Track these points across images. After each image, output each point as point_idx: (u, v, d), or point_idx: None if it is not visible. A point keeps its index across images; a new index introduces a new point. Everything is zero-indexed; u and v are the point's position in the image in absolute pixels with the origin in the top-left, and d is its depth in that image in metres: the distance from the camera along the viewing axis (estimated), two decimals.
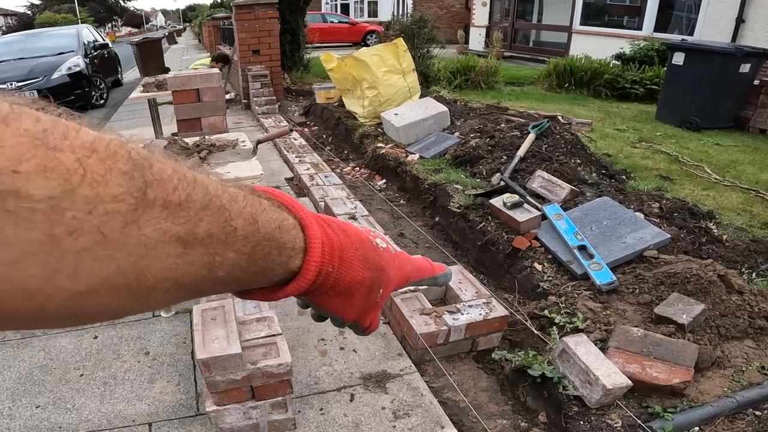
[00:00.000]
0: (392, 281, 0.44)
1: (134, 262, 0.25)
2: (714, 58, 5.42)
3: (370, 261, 0.41)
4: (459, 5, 20.88)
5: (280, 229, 0.34)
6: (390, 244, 0.46)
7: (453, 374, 2.13)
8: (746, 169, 4.26)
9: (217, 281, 0.30)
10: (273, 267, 0.34)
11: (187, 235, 0.27)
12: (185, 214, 0.27)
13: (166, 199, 0.26)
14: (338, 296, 0.40)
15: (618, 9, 11.34)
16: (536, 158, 3.58)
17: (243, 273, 0.32)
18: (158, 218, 0.25)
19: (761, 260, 2.57)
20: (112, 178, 0.23)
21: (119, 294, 0.25)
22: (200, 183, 0.28)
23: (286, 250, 0.35)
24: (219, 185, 0.30)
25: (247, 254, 0.31)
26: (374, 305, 0.44)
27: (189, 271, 0.28)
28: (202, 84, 2.76)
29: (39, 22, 31.63)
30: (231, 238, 0.30)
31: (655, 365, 1.84)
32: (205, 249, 0.28)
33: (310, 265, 0.36)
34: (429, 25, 7.60)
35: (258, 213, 0.32)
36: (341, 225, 0.40)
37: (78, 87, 8.46)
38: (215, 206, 0.29)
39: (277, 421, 1.80)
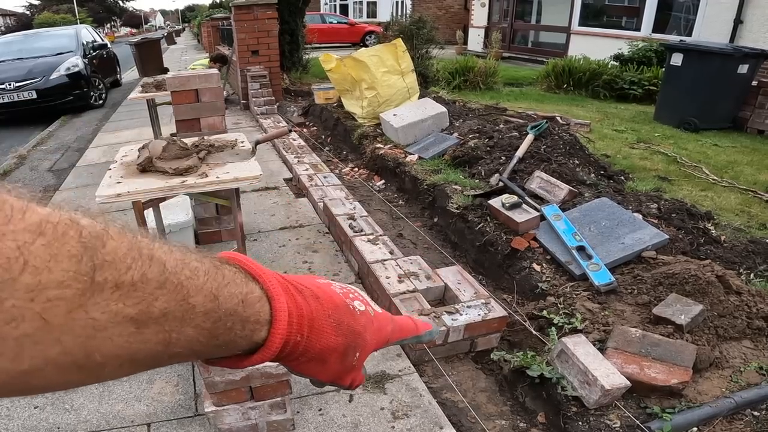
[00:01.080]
0: (369, 344, 0.44)
1: (81, 343, 0.24)
2: (712, 58, 5.44)
3: (343, 327, 0.40)
4: (458, 6, 20.90)
5: (244, 304, 0.34)
6: (370, 304, 0.45)
7: (452, 375, 2.13)
8: (744, 169, 4.27)
9: (174, 355, 0.30)
10: (235, 340, 0.34)
11: (141, 315, 0.27)
12: (139, 294, 0.26)
13: (118, 281, 0.25)
14: (310, 362, 0.40)
15: (616, 10, 11.35)
16: (535, 159, 3.59)
17: (203, 347, 0.32)
18: (108, 300, 0.25)
19: (759, 261, 2.58)
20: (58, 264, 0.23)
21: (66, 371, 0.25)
22: (157, 260, 0.28)
23: (250, 323, 0.34)
24: (178, 261, 0.30)
25: (207, 329, 0.31)
26: (351, 368, 0.43)
27: (143, 348, 0.28)
28: (201, 84, 2.75)
29: (38, 22, 31.58)
30: (189, 315, 0.29)
31: (653, 366, 1.85)
32: (160, 327, 0.28)
33: (275, 338, 0.36)
34: (428, 25, 7.60)
35: (220, 288, 0.32)
36: (314, 291, 0.40)
37: (77, 87, 8.44)
38: (172, 284, 0.28)
39: (276, 421, 1.79)
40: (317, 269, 2.93)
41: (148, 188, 1.94)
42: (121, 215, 3.76)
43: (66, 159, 5.72)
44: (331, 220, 3.30)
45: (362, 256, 2.70)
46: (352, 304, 0.42)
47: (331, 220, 3.30)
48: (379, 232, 2.97)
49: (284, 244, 3.23)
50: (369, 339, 0.43)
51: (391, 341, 0.48)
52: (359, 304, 0.43)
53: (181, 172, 2.01)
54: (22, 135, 7.28)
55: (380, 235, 2.93)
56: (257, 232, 3.43)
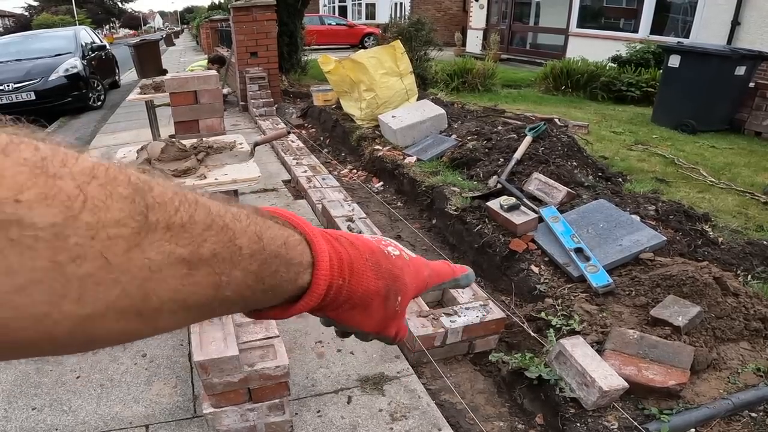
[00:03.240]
0: (410, 287, 0.44)
1: (139, 285, 0.25)
2: (710, 60, 5.46)
3: (382, 270, 0.41)
4: (456, 7, 20.94)
5: (286, 246, 0.34)
6: (404, 251, 0.45)
7: (450, 376, 2.14)
8: (742, 171, 4.28)
9: (225, 301, 0.30)
10: (282, 284, 0.34)
11: (192, 255, 0.27)
12: (188, 236, 0.27)
13: (169, 222, 0.26)
14: (354, 309, 0.40)
15: (614, 12, 11.39)
16: (533, 161, 3.59)
17: (251, 292, 0.32)
18: (161, 240, 0.25)
19: (756, 262, 2.59)
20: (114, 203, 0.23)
21: (126, 317, 0.25)
22: (202, 204, 0.29)
23: (294, 266, 0.35)
24: (221, 206, 0.30)
25: (254, 272, 0.31)
26: (395, 314, 0.43)
27: (196, 292, 0.28)
28: (200, 86, 2.76)
29: (36, 23, 31.57)
30: (236, 257, 0.30)
31: (651, 367, 1.85)
32: (210, 269, 0.28)
33: (319, 280, 0.36)
34: (426, 27, 7.61)
35: (263, 231, 0.32)
36: (349, 238, 0.40)
37: (75, 88, 8.44)
38: (218, 226, 0.29)
39: (275, 423, 1.80)
40: None
41: None
42: None
43: None
44: (330, 221, 3.30)
45: None
46: (386, 249, 0.43)
47: (330, 221, 3.30)
48: (377, 234, 2.98)
49: None
50: (408, 282, 0.43)
51: (429, 285, 0.48)
52: (393, 249, 0.44)
53: (179, 174, 2.02)
54: None
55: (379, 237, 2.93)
56: None
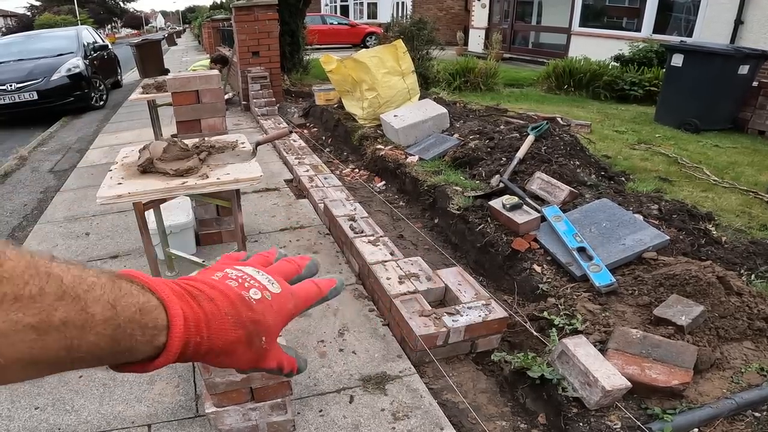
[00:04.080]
0: (272, 326, 0.46)
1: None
2: (713, 59, 5.44)
3: (242, 319, 0.43)
4: (458, 7, 20.91)
5: (141, 311, 0.37)
6: (267, 288, 0.47)
7: (452, 376, 2.13)
8: (745, 170, 4.27)
9: (77, 360, 0.34)
10: (137, 346, 0.37)
11: (41, 323, 0.30)
12: (38, 306, 0.30)
13: (17, 294, 0.29)
14: (219, 357, 0.43)
15: (617, 11, 11.35)
16: (535, 160, 3.59)
17: (105, 353, 0.35)
18: (8, 311, 0.29)
19: (760, 262, 2.58)
20: None
21: None
22: (54, 276, 0.32)
23: (149, 329, 0.37)
24: (76, 278, 0.33)
25: (109, 335, 0.34)
26: (263, 351, 0.46)
27: (45, 353, 0.31)
28: (202, 85, 2.76)
29: (38, 23, 31.61)
30: (89, 323, 0.33)
31: (654, 367, 1.84)
32: (61, 334, 0.31)
33: (173, 340, 0.39)
34: (428, 26, 7.61)
35: (117, 299, 0.35)
36: (209, 294, 0.43)
37: (77, 88, 8.46)
38: (70, 296, 0.32)
39: (277, 422, 1.79)
40: (318, 270, 2.92)
41: (149, 189, 1.94)
42: (122, 216, 3.76)
43: (67, 160, 5.72)
44: (332, 221, 3.30)
45: (363, 257, 2.70)
46: (247, 295, 0.45)
47: (332, 221, 3.30)
48: (379, 234, 2.97)
49: (285, 246, 3.23)
50: (271, 322, 0.46)
51: (296, 314, 0.51)
52: (255, 291, 0.45)
53: (181, 174, 2.02)
54: (23, 136, 7.28)
55: (381, 237, 2.93)
56: (258, 233, 3.44)
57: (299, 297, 0.51)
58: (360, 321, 2.46)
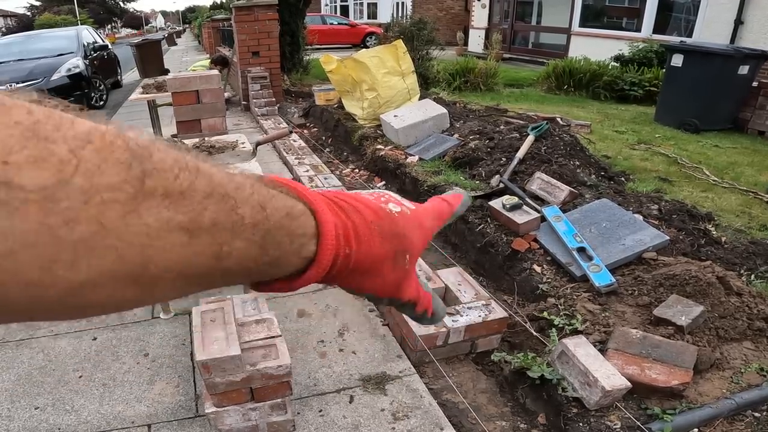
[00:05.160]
0: (416, 243, 0.43)
1: (136, 251, 0.24)
2: (713, 59, 5.44)
3: (387, 233, 0.39)
4: (458, 7, 20.92)
5: (290, 216, 0.33)
6: (403, 203, 0.44)
7: (452, 376, 2.13)
8: (745, 170, 4.27)
9: (226, 272, 0.30)
10: (286, 256, 0.33)
11: (191, 223, 0.26)
12: (188, 203, 0.26)
13: (167, 188, 0.25)
14: (364, 275, 0.39)
15: (617, 11, 11.36)
16: (535, 160, 3.59)
17: (254, 263, 0.31)
18: (159, 207, 0.25)
19: (760, 262, 2.58)
20: (109, 168, 0.23)
21: (122, 284, 0.25)
22: (203, 172, 0.28)
23: (298, 237, 0.34)
24: (224, 174, 0.30)
25: (257, 243, 0.31)
26: (405, 273, 0.42)
27: (196, 261, 0.27)
28: (202, 86, 2.76)
29: (38, 23, 31.63)
30: (238, 227, 0.29)
31: (654, 367, 1.85)
32: (211, 238, 0.28)
33: (324, 251, 0.35)
34: (428, 26, 7.61)
35: (266, 201, 0.32)
36: (353, 204, 0.39)
37: (77, 88, 8.45)
38: (219, 194, 0.28)
39: (277, 422, 1.79)
40: None
41: None
42: None
43: None
44: None
45: None
46: (387, 208, 0.41)
47: None
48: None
49: None
50: (414, 239, 0.42)
51: (434, 232, 0.47)
52: (393, 206, 0.42)
53: None
54: None
55: None
56: None
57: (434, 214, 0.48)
58: (360, 321, 2.46)
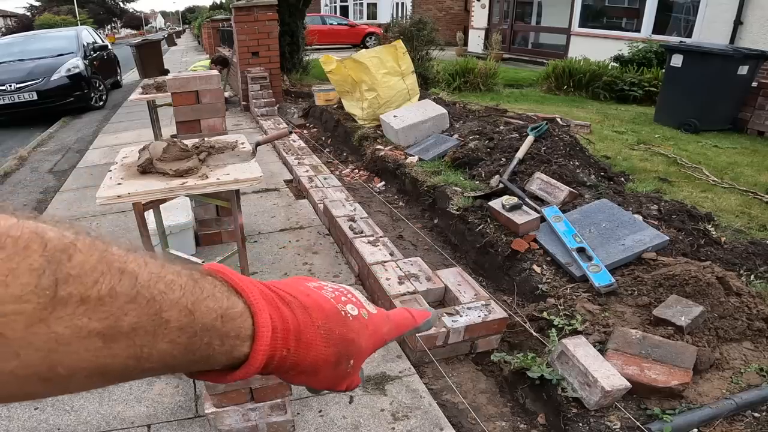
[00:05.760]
0: (364, 349, 0.42)
1: (42, 356, 0.24)
2: (712, 60, 5.44)
3: (335, 337, 0.39)
4: (458, 7, 20.92)
5: (223, 319, 0.33)
6: (365, 306, 0.43)
7: (452, 376, 2.13)
8: (744, 171, 4.27)
9: (147, 370, 0.30)
10: (214, 356, 0.33)
11: (108, 329, 0.26)
12: (106, 309, 0.26)
13: (84, 295, 0.25)
14: (300, 374, 0.39)
15: (617, 11, 11.36)
16: (535, 160, 3.59)
17: (177, 362, 0.31)
18: (72, 315, 0.25)
19: (759, 262, 2.58)
20: (16, 279, 0.23)
21: (28, 383, 0.25)
22: (128, 273, 0.28)
23: (230, 339, 0.33)
24: (153, 275, 0.29)
25: (183, 344, 0.30)
26: (346, 375, 0.41)
27: (111, 362, 0.27)
28: (202, 86, 2.75)
29: (38, 23, 31.65)
30: (162, 330, 0.29)
31: (653, 367, 1.85)
32: (130, 341, 0.28)
33: (257, 354, 0.35)
34: (428, 27, 7.61)
35: (197, 303, 0.31)
36: (303, 301, 0.38)
37: (77, 88, 8.46)
38: (144, 298, 0.28)
39: (276, 423, 1.79)
40: (317, 271, 2.93)
41: (149, 190, 1.94)
42: (122, 216, 3.76)
43: (66, 160, 5.72)
44: (332, 221, 3.30)
45: (362, 257, 2.70)
46: (344, 310, 0.40)
47: (332, 221, 3.30)
48: (379, 234, 2.97)
49: (284, 246, 3.23)
50: (363, 344, 0.41)
51: (388, 340, 0.46)
52: (352, 308, 0.41)
53: (181, 174, 2.02)
54: (23, 136, 7.29)
55: (380, 237, 2.93)
56: (257, 233, 3.43)
57: (394, 323, 0.46)
58: None
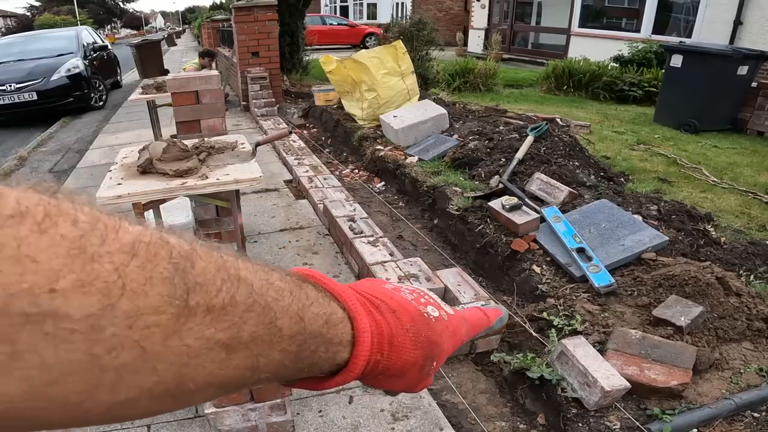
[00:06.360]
0: (446, 351, 0.42)
1: (175, 372, 0.24)
2: (712, 60, 5.44)
3: (421, 339, 0.38)
4: (458, 7, 20.92)
5: (327, 325, 0.32)
6: (443, 307, 0.43)
7: (452, 376, 2.13)
8: (744, 171, 4.27)
9: (259, 380, 0.29)
10: (318, 363, 0.33)
11: (231, 340, 0.25)
12: (229, 319, 0.25)
13: (209, 304, 0.24)
14: (390, 378, 0.38)
15: (616, 11, 11.37)
16: (535, 161, 3.59)
17: (287, 371, 0.31)
18: (201, 326, 0.24)
19: (759, 262, 2.58)
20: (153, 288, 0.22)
21: (159, 400, 0.24)
22: (244, 281, 0.27)
23: (333, 345, 0.33)
24: (263, 281, 0.29)
25: (293, 352, 0.30)
26: (427, 376, 0.41)
27: (232, 375, 0.27)
28: (202, 86, 2.75)
29: (38, 23, 31.65)
30: (276, 339, 0.28)
31: (653, 367, 1.85)
32: (249, 352, 0.27)
33: (358, 360, 0.34)
34: (428, 27, 7.61)
35: (304, 309, 0.31)
36: (391, 305, 0.38)
37: (77, 89, 8.46)
38: (260, 306, 0.27)
39: (276, 423, 1.79)
40: None
41: (149, 190, 1.94)
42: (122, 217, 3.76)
43: (66, 160, 5.72)
44: (332, 221, 3.30)
45: (362, 257, 2.70)
46: (425, 311, 0.40)
47: (332, 221, 3.30)
48: (379, 234, 2.97)
49: (284, 246, 3.23)
50: (446, 346, 0.41)
51: (465, 341, 0.46)
52: (432, 309, 0.41)
53: (181, 174, 2.02)
54: (23, 136, 7.28)
55: (380, 237, 2.93)
56: (257, 233, 3.44)
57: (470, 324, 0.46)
58: None
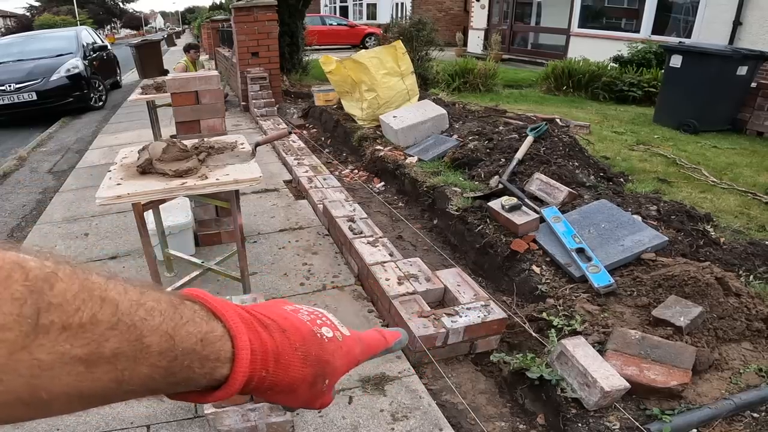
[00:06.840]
0: (338, 370, 0.44)
1: (25, 382, 0.25)
2: (711, 60, 5.45)
3: (311, 357, 0.40)
4: (457, 8, 20.93)
5: (203, 342, 0.34)
6: (338, 328, 0.45)
7: (451, 376, 2.13)
8: (743, 171, 4.27)
9: (128, 392, 0.31)
10: (194, 377, 0.34)
11: (90, 355, 0.28)
12: (88, 335, 0.27)
13: (66, 322, 0.26)
14: (278, 394, 0.40)
15: (616, 12, 11.37)
16: (534, 161, 3.59)
17: (158, 384, 0.32)
18: (54, 342, 0.26)
19: (759, 263, 2.58)
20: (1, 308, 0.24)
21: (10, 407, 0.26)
22: (109, 301, 0.29)
23: (210, 361, 0.35)
24: (133, 302, 0.31)
25: (163, 368, 0.32)
26: (321, 394, 0.43)
27: (93, 386, 0.28)
28: (201, 86, 2.76)
29: (38, 23, 31.65)
30: (142, 355, 0.30)
31: (653, 367, 1.85)
32: (111, 366, 0.29)
33: (237, 375, 0.36)
34: (428, 27, 7.62)
35: (177, 328, 0.33)
36: (281, 324, 0.40)
37: (77, 89, 8.45)
38: (125, 325, 0.29)
39: (276, 423, 1.79)
40: (317, 271, 2.93)
41: (148, 190, 1.94)
42: (122, 217, 3.76)
43: (66, 160, 5.72)
44: (331, 222, 3.30)
45: (362, 258, 2.70)
46: (319, 332, 0.42)
47: (331, 222, 3.30)
48: (378, 234, 2.97)
49: (284, 246, 3.23)
50: (338, 365, 0.43)
51: (360, 361, 0.48)
52: (327, 330, 0.43)
53: (180, 174, 2.02)
54: (22, 136, 7.28)
55: (380, 237, 2.93)
56: (257, 233, 3.43)
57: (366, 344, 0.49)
58: (359, 322, 2.46)
